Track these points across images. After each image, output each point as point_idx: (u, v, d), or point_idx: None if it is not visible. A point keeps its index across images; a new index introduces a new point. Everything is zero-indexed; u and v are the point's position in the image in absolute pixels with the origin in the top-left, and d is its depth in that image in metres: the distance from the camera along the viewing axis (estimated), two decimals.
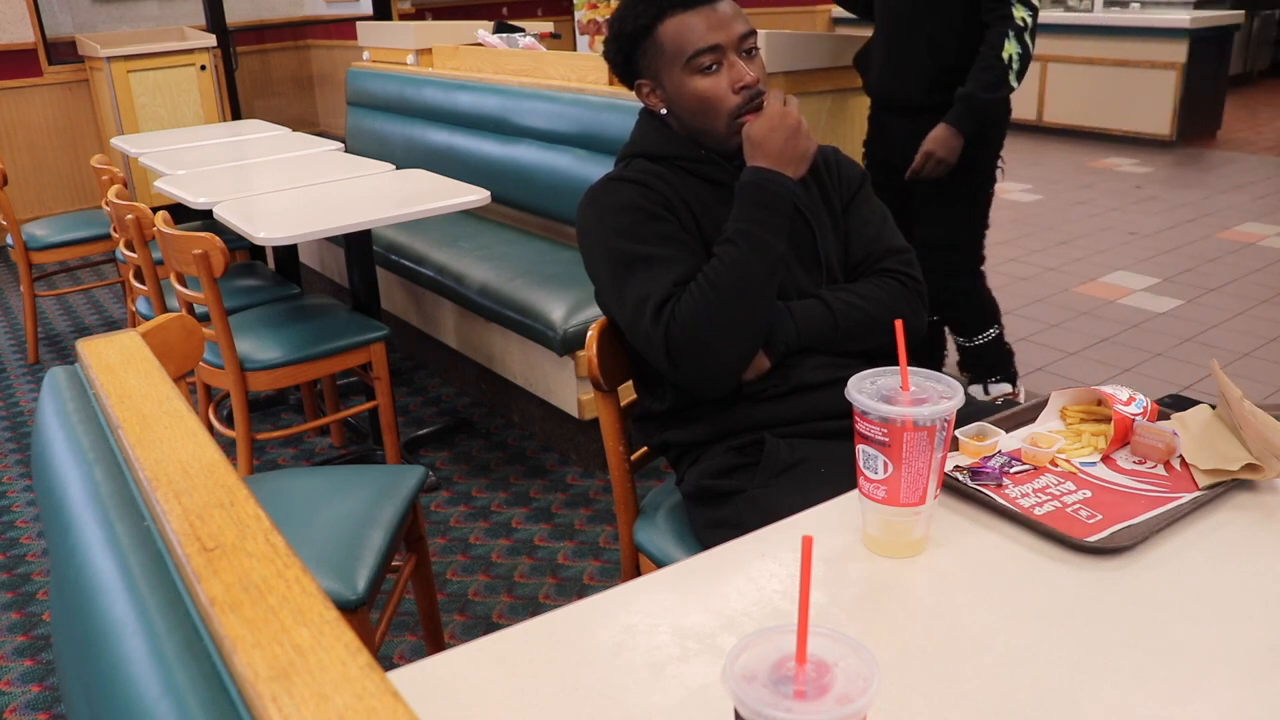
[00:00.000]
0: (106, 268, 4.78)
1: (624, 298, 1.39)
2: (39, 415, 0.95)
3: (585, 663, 0.81)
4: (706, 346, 1.34)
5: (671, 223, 1.41)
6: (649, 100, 1.50)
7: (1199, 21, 6.64)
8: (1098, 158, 6.65)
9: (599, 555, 2.45)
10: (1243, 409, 1.05)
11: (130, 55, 5.19)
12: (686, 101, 1.43)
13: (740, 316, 1.35)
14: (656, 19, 1.42)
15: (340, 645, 0.55)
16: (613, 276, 1.41)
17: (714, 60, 1.40)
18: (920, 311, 1.49)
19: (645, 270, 1.38)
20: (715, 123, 1.43)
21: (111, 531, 0.70)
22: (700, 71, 1.41)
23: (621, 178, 1.46)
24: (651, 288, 1.36)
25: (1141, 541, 0.93)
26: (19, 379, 3.77)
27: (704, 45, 1.39)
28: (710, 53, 1.40)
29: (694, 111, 1.44)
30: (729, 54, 1.40)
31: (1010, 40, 2.43)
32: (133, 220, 2.60)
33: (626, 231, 1.40)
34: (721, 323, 1.34)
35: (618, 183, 1.45)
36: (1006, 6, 2.44)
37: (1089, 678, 0.77)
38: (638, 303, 1.37)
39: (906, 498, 0.91)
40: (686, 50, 1.40)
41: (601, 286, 1.46)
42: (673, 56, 1.42)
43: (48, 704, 2.03)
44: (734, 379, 1.40)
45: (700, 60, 1.40)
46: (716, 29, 1.40)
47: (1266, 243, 4.71)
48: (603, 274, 1.44)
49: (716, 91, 1.41)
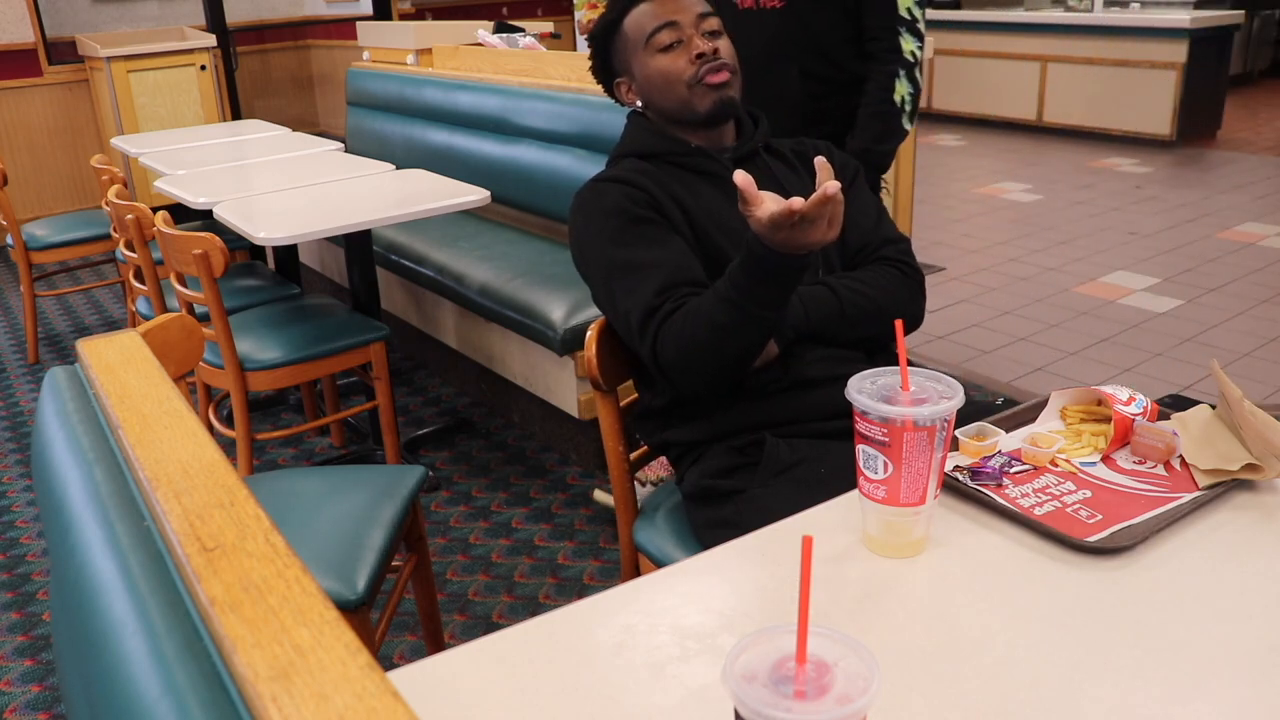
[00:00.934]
0: (106, 268, 4.78)
1: (615, 306, 1.42)
2: (39, 415, 0.95)
3: (585, 663, 0.81)
4: (693, 370, 1.36)
5: (658, 223, 1.42)
6: (627, 98, 1.56)
7: (1199, 21, 6.64)
8: (1098, 158, 6.65)
9: (599, 555, 2.45)
10: (1243, 409, 1.05)
11: (130, 55, 5.19)
12: (653, 82, 1.49)
13: (729, 361, 1.35)
14: (622, 13, 1.50)
15: (340, 645, 0.55)
16: (603, 283, 1.43)
17: (672, 37, 1.46)
18: (920, 300, 1.50)
19: (631, 278, 1.39)
20: (678, 93, 1.47)
21: (111, 531, 0.70)
22: (661, 50, 1.47)
23: (607, 178, 1.48)
24: (634, 301, 1.37)
25: (1141, 541, 0.93)
26: (19, 379, 3.77)
27: (660, 23, 1.46)
28: (667, 29, 1.46)
29: (659, 90, 1.48)
30: (686, 30, 1.46)
31: (901, 80, 2.10)
32: (133, 220, 2.60)
33: (613, 237, 1.42)
34: (707, 361, 1.34)
35: (604, 184, 1.47)
36: (894, 37, 2.10)
37: (1089, 678, 0.77)
38: (626, 314, 1.39)
39: (906, 498, 0.91)
40: (645, 32, 1.47)
41: (595, 291, 1.48)
42: (636, 42, 1.49)
43: (48, 704, 2.03)
44: (726, 388, 1.40)
45: (659, 38, 1.46)
46: (674, 11, 1.47)
47: (1266, 243, 4.71)
48: (595, 279, 1.46)
49: (676, 65, 1.46)
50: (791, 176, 1.53)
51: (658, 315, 1.35)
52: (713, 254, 1.43)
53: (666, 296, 1.35)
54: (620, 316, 1.41)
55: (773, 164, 1.53)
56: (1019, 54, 7.55)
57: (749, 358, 1.36)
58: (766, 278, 1.24)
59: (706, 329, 1.31)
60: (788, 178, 1.52)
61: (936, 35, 4.49)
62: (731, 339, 1.31)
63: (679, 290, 1.36)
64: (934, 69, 8.10)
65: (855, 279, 1.46)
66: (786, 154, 1.56)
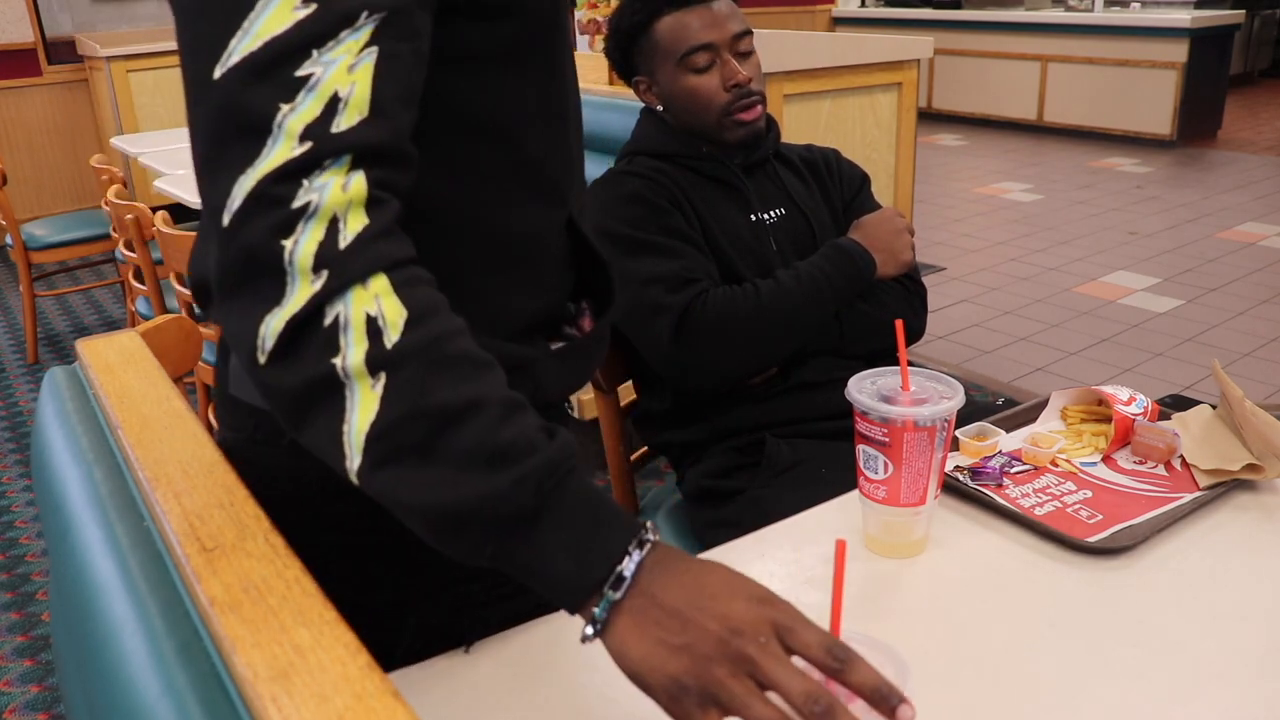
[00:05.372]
0: (106, 268, 4.78)
1: (629, 274, 1.37)
2: (38, 415, 0.95)
3: (585, 663, 0.81)
4: (721, 343, 1.34)
5: (678, 216, 1.41)
6: (645, 97, 1.51)
7: (1199, 21, 6.64)
8: (1098, 157, 6.65)
9: None
10: (1244, 409, 1.05)
11: (130, 55, 5.19)
12: (679, 99, 1.45)
13: (768, 340, 1.36)
14: (652, 17, 1.44)
15: (340, 645, 0.55)
16: (619, 255, 1.38)
17: (707, 59, 1.41)
18: (921, 314, 1.50)
19: (657, 254, 1.37)
20: (706, 118, 1.44)
21: (111, 532, 0.70)
22: (693, 70, 1.42)
23: (626, 172, 1.47)
24: (666, 269, 1.36)
25: (1142, 542, 0.93)
26: (18, 379, 3.77)
27: (696, 44, 1.40)
28: (703, 51, 1.41)
29: (686, 108, 1.45)
30: (722, 53, 1.42)
31: None
32: (132, 220, 2.60)
33: (634, 222, 1.40)
34: (747, 333, 1.34)
35: (623, 176, 1.46)
36: None
37: (1089, 678, 0.77)
38: (650, 279, 1.36)
39: (907, 498, 0.91)
40: (680, 48, 1.42)
41: None
42: (666, 54, 1.43)
43: (48, 704, 2.03)
44: (726, 383, 1.40)
45: (693, 59, 1.41)
46: (710, 28, 1.41)
47: (1267, 243, 4.71)
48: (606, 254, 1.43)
49: (708, 89, 1.42)
50: (799, 185, 1.52)
51: (693, 286, 1.35)
52: (720, 260, 1.42)
53: (703, 274, 1.36)
54: (637, 281, 1.36)
55: (782, 171, 1.52)
56: (1019, 54, 7.55)
57: (783, 345, 1.38)
58: (845, 264, 1.40)
59: (766, 294, 1.36)
60: (795, 186, 1.51)
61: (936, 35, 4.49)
62: (787, 312, 1.36)
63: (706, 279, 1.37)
64: (934, 69, 8.10)
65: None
66: (796, 161, 1.56)
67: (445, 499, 0.59)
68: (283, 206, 0.58)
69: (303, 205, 0.59)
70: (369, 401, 0.59)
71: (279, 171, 0.59)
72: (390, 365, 0.59)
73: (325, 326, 0.59)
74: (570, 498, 0.62)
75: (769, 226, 1.47)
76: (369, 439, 0.59)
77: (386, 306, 0.59)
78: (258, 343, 0.60)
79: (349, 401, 0.59)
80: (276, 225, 0.58)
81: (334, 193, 0.59)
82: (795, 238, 1.47)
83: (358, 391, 0.59)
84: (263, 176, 0.58)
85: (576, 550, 0.61)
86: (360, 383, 0.59)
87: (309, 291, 0.58)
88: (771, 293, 1.36)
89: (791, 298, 1.36)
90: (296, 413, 0.61)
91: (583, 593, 0.62)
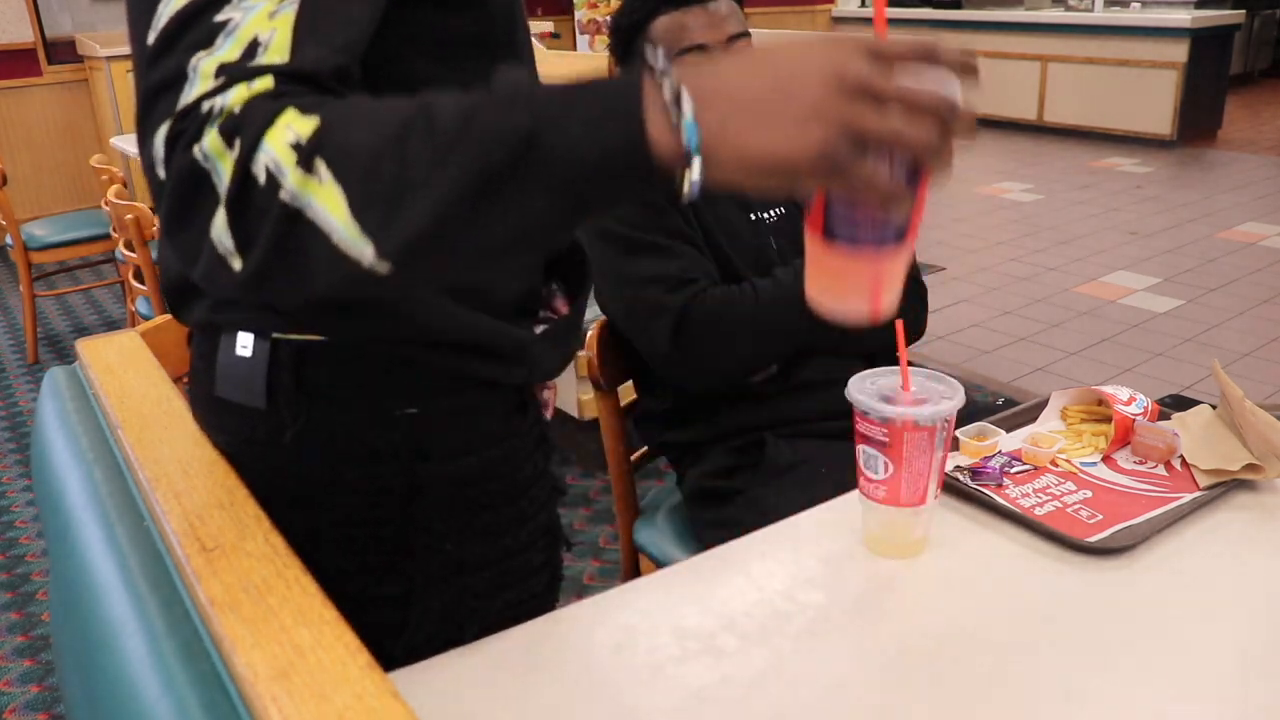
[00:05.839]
0: (106, 268, 4.78)
1: (628, 275, 1.37)
2: (38, 415, 0.95)
3: (585, 663, 0.81)
4: (720, 343, 1.35)
5: (676, 216, 1.41)
6: None
7: (1199, 21, 6.65)
8: (1098, 157, 6.65)
9: (599, 555, 2.45)
10: (1244, 409, 1.05)
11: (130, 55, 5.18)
12: None
13: (767, 339, 1.37)
14: (650, 16, 1.43)
15: (340, 645, 0.55)
16: (618, 255, 1.39)
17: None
18: (922, 312, 1.50)
19: (656, 254, 1.37)
20: None
21: (111, 531, 0.70)
22: None
23: None
24: (665, 269, 1.36)
25: (1142, 541, 0.93)
26: (18, 379, 3.77)
27: (689, 45, 1.40)
28: (696, 52, 1.40)
29: None
30: (715, 53, 1.41)
31: None
32: (132, 220, 2.60)
33: (636, 223, 1.40)
34: (746, 332, 1.34)
35: None
36: None
37: (1089, 678, 0.77)
38: (649, 279, 1.36)
39: (907, 498, 0.91)
40: (674, 49, 1.41)
41: (601, 268, 1.43)
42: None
43: (48, 704, 2.03)
44: (726, 383, 1.40)
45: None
46: (706, 29, 1.40)
47: (1267, 243, 4.71)
48: (605, 254, 1.41)
49: None
50: None
51: (694, 285, 1.35)
52: (719, 259, 1.42)
53: (702, 274, 1.37)
54: (638, 279, 1.36)
55: None
56: (1019, 54, 7.55)
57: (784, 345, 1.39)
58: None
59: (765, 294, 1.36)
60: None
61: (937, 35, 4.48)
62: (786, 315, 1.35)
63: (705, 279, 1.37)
64: None
65: None
66: None
67: (450, 186, 0.54)
68: (194, 125, 0.57)
69: (208, 110, 0.57)
70: (326, 195, 0.55)
71: (191, 105, 0.58)
72: (320, 149, 0.55)
73: (262, 184, 0.55)
74: (553, 92, 0.57)
75: (769, 225, 1.47)
76: (357, 219, 0.55)
77: (299, 125, 0.56)
78: (220, 253, 0.57)
79: (316, 212, 0.55)
80: (190, 142, 0.57)
81: (238, 91, 0.57)
82: (795, 236, 1.47)
83: (314, 198, 0.55)
84: (177, 114, 0.58)
85: (603, 118, 0.55)
86: (311, 191, 0.55)
87: (230, 163, 0.55)
88: (770, 292, 1.36)
89: (790, 297, 1.36)
90: (300, 274, 0.57)
91: (644, 143, 0.55)
